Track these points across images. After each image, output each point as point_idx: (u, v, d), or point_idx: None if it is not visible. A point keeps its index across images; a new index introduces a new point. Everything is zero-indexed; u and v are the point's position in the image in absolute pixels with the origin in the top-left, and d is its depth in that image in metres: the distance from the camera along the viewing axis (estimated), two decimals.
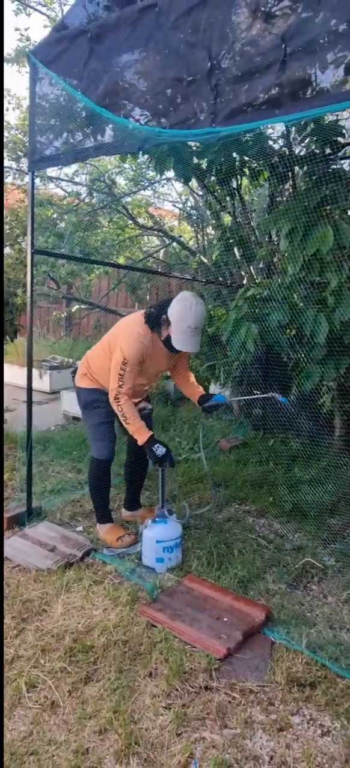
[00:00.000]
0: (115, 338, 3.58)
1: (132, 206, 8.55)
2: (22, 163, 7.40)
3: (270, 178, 4.57)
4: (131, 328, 3.52)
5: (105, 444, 3.74)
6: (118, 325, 3.72)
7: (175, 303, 3.47)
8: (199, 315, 3.44)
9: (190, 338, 3.45)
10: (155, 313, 3.54)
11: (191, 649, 2.70)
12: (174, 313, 3.45)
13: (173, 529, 3.49)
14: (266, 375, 5.19)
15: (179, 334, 3.45)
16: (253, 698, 2.43)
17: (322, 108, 2.52)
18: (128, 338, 3.47)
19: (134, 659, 2.65)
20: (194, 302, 3.44)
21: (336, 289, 3.64)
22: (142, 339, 3.46)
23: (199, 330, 3.49)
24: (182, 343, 3.47)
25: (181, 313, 3.43)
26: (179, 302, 3.46)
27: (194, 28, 2.81)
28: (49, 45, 3.59)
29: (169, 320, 3.47)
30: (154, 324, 3.53)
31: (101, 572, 3.40)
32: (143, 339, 3.47)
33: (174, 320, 3.45)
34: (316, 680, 2.51)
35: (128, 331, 3.51)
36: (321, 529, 3.92)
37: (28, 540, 3.71)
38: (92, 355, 3.80)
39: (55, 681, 2.50)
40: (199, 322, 3.46)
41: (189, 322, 3.42)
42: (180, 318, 3.43)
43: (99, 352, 3.73)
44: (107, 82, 3.19)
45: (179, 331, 3.44)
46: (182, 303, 3.45)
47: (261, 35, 2.63)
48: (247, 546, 3.71)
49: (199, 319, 3.45)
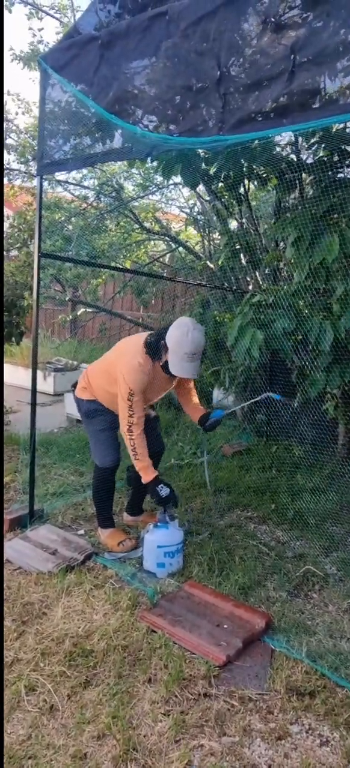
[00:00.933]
0: (115, 365, 3.57)
1: (139, 210, 8.57)
2: (31, 165, 7.44)
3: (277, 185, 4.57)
4: (132, 359, 3.49)
5: (109, 452, 3.74)
6: (118, 349, 3.70)
7: (172, 329, 3.46)
8: (196, 341, 3.42)
9: (187, 364, 3.43)
10: (154, 341, 3.52)
11: (191, 656, 2.70)
12: (171, 338, 3.43)
13: (174, 535, 3.48)
14: (270, 381, 5.18)
15: (176, 359, 3.43)
16: (252, 706, 2.42)
17: (330, 118, 2.52)
18: (130, 370, 3.45)
19: (134, 665, 2.65)
20: (191, 328, 3.42)
21: (341, 297, 3.63)
22: (143, 369, 3.46)
23: (197, 356, 3.46)
24: (179, 369, 3.45)
25: (178, 339, 3.41)
26: (176, 328, 3.45)
27: (203, 36, 2.82)
28: (60, 51, 3.61)
29: (167, 346, 3.46)
30: (154, 352, 3.51)
31: (101, 576, 3.40)
32: (145, 369, 3.47)
33: (171, 346, 3.43)
34: (316, 689, 2.50)
35: (130, 363, 3.48)
36: (322, 537, 3.91)
37: (29, 542, 3.72)
38: (92, 371, 3.81)
39: (54, 685, 2.50)
40: (196, 348, 3.43)
41: (186, 349, 3.40)
42: (177, 344, 3.41)
43: (99, 371, 3.74)
44: (116, 89, 3.21)
45: (176, 356, 3.43)
46: (180, 329, 3.44)
47: (270, 45, 2.63)
48: (248, 553, 3.71)
49: (196, 346, 3.43)
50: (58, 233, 7.49)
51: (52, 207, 7.71)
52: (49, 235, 7.28)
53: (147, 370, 3.49)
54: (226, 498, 4.65)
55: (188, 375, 3.51)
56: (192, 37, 2.85)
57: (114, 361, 3.62)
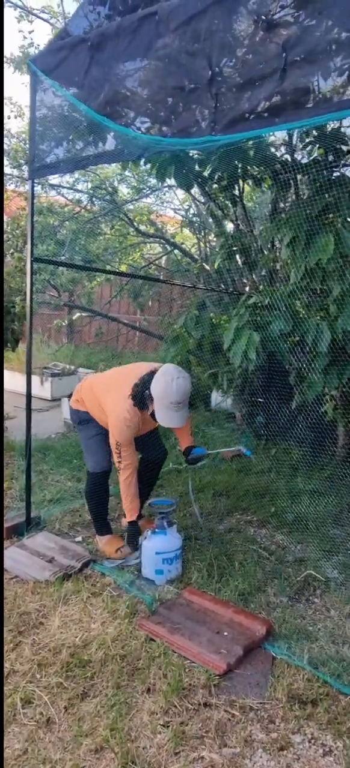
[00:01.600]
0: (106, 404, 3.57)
1: (134, 213, 8.53)
2: (23, 170, 7.39)
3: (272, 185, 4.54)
4: (119, 412, 3.45)
5: (100, 456, 3.72)
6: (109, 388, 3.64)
7: (157, 378, 3.40)
8: (182, 389, 3.36)
9: (173, 414, 3.39)
10: (139, 392, 3.45)
11: (191, 664, 2.66)
12: (156, 389, 3.37)
13: (172, 541, 3.44)
14: (268, 383, 5.14)
15: (162, 409, 3.38)
16: (253, 716, 2.38)
17: (323, 116, 2.49)
18: (116, 424, 3.45)
19: (132, 674, 2.61)
20: (175, 376, 3.36)
21: (338, 297, 3.60)
22: (129, 423, 3.45)
23: (183, 404, 3.41)
24: (166, 419, 3.41)
25: (163, 389, 3.35)
26: (160, 379, 3.38)
27: (194, 36, 2.79)
28: (49, 53, 3.58)
29: (152, 396, 3.40)
30: (141, 404, 3.46)
31: (99, 584, 3.36)
32: (131, 422, 3.45)
33: (156, 396, 3.37)
34: (318, 697, 2.46)
35: (117, 416, 3.45)
36: (323, 540, 3.86)
37: (26, 551, 3.67)
38: (85, 392, 3.79)
39: (51, 697, 2.46)
40: (182, 397, 3.37)
41: (172, 398, 3.35)
42: (162, 394, 3.35)
43: (92, 397, 3.72)
44: (107, 91, 3.18)
45: (162, 406, 3.38)
46: (164, 378, 3.37)
47: (262, 44, 2.61)
48: (248, 558, 3.66)
49: (182, 394, 3.37)
50: (52, 237, 7.45)
51: (45, 211, 7.66)
52: (42, 240, 7.23)
53: (135, 422, 3.48)
54: (225, 502, 4.60)
55: (174, 425, 3.49)
56: (183, 38, 2.82)
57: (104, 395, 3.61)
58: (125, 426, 3.44)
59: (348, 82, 2.46)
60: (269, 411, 5.24)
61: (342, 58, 2.44)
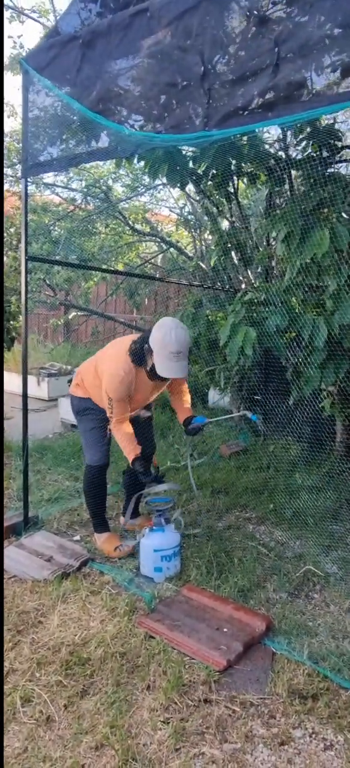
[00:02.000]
0: (101, 367, 3.59)
1: (129, 212, 8.51)
2: (17, 169, 7.37)
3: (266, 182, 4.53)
4: (114, 368, 3.46)
5: (98, 449, 3.71)
6: (106, 352, 3.69)
7: (155, 330, 3.41)
8: (181, 338, 3.36)
9: (173, 363, 3.38)
10: (138, 347, 3.47)
11: (190, 661, 2.65)
12: (155, 340, 3.38)
13: (171, 538, 3.43)
14: (266, 380, 5.14)
15: (162, 360, 3.37)
16: (254, 711, 2.37)
17: (315, 110, 2.48)
18: (110, 380, 3.45)
19: (132, 672, 2.60)
20: (173, 327, 3.38)
21: (334, 292, 3.59)
22: (123, 380, 3.44)
23: (183, 354, 3.40)
24: (166, 369, 3.40)
25: (162, 340, 3.35)
26: (158, 329, 3.40)
27: (186, 32, 2.78)
28: (41, 51, 3.57)
29: (151, 349, 3.41)
30: (139, 359, 3.47)
31: (98, 582, 3.35)
32: (125, 379, 3.45)
33: (156, 348, 3.38)
34: (318, 692, 2.45)
35: (111, 372, 3.45)
36: (322, 536, 3.86)
37: (24, 550, 3.66)
38: (85, 369, 3.80)
39: (50, 695, 2.45)
40: (181, 346, 3.37)
41: (171, 348, 3.34)
42: (161, 345, 3.36)
43: (90, 369, 3.72)
44: (99, 88, 3.16)
45: (161, 357, 3.37)
46: (162, 329, 3.38)
47: (254, 39, 2.60)
48: (247, 554, 3.65)
49: (181, 343, 3.37)
50: (46, 236, 7.42)
51: (39, 211, 7.63)
52: (36, 239, 7.20)
53: (129, 380, 3.47)
54: (224, 499, 4.60)
55: (175, 374, 3.45)
56: (175, 34, 2.81)
57: (101, 363, 3.62)
58: (118, 382, 3.42)
59: (341, 76, 2.46)
60: (267, 407, 5.23)
61: (334, 53, 2.44)
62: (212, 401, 7.48)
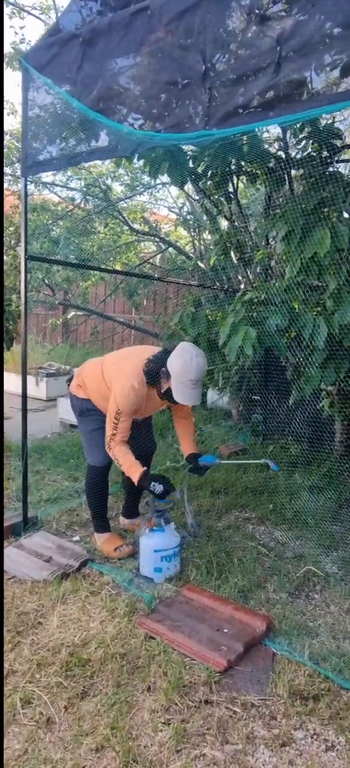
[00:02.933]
0: (112, 379, 3.54)
1: (128, 211, 8.50)
2: (16, 168, 7.35)
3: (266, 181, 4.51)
4: (127, 381, 3.43)
5: (100, 450, 3.68)
6: (118, 362, 3.65)
7: (175, 356, 3.41)
8: (200, 367, 3.38)
9: (191, 391, 3.39)
10: (153, 368, 3.46)
11: (191, 662, 2.64)
12: (175, 366, 3.38)
13: (171, 538, 3.42)
14: (265, 380, 5.13)
15: (181, 386, 3.38)
16: (255, 712, 2.36)
17: (316, 110, 2.48)
18: (123, 391, 3.41)
19: (132, 673, 2.59)
20: (194, 354, 3.38)
21: (334, 292, 3.58)
22: (137, 393, 3.42)
23: (200, 383, 3.43)
24: (184, 396, 3.39)
25: (182, 367, 3.36)
26: (179, 356, 3.39)
27: (187, 31, 2.77)
28: (41, 49, 3.55)
29: (168, 373, 3.40)
30: (153, 379, 3.47)
31: (97, 583, 3.34)
32: (138, 393, 3.43)
33: (175, 374, 3.38)
34: (319, 693, 2.45)
35: (124, 386, 3.42)
36: (322, 536, 3.85)
37: (23, 550, 3.65)
38: (88, 372, 3.77)
39: (50, 696, 2.44)
40: (200, 374, 3.40)
41: (191, 376, 3.35)
42: (181, 372, 3.36)
43: (95, 375, 3.69)
44: (100, 87, 3.15)
45: (181, 384, 3.37)
46: (183, 356, 3.38)
47: (255, 37, 2.59)
48: (247, 554, 3.65)
49: (200, 372, 3.39)
50: (46, 236, 7.40)
51: (39, 209, 7.61)
52: (36, 238, 7.18)
53: (141, 395, 3.45)
54: (223, 499, 4.59)
55: (192, 402, 3.46)
56: (176, 32, 2.80)
57: (110, 371, 3.59)
58: (132, 393, 3.39)
59: (341, 75, 2.45)
60: (266, 408, 5.23)
61: (335, 53, 2.43)
62: (210, 401, 7.47)
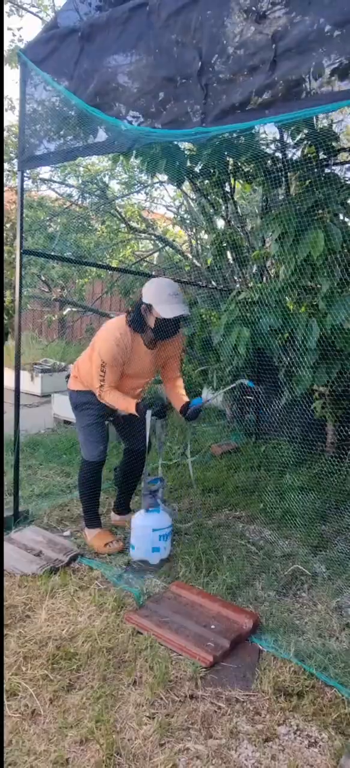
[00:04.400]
0: (96, 342, 3.60)
1: (125, 209, 8.50)
2: (13, 164, 7.34)
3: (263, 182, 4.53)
4: (108, 332, 3.53)
5: (95, 446, 3.70)
6: (101, 329, 3.72)
7: (146, 288, 3.50)
8: (171, 282, 3.54)
9: (174, 305, 3.41)
10: (135, 313, 3.52)
11: (177, 657, 2.65)
12: (150, 292, 3.45)
13: (165, 517, 3.49)
14: (258, 380, 5.14)
15: (162, 306, 3.40)
16: (239, 708, 2.37)
17: (313, 109, 2.49)
18: (104, 341, 3.49)
19: (119, 667, 2.60)
20: (161, 277, 3.56)
21: (327, 293, 3.60)
22: (119, 341, 3.46)
23: (179, 296, 3.48)
24: (170, 310, 3.40)
25: (157, 288, 3.46)
26: (150, 285, 3.52)
27: (184, 27, 2.78)
28: (39, 44, 3.56)
29: (148, 305, 3.45)
30: (137, 324, 3.51)
31: (87, 578, 3.35)
32: (121, 341, 3.47)
33: (153, 298, 3.43)
34: (304, 689, 2.46)
35: (106, 336, 3.52)
36: (311, 535, 3.87)
37: (14, 544, 3.65)
38: (81, 360, 3.81)
39: (36, 689, 2.44)
40: (174, 288, 3.50)
41: (168, 290, 3.44)
42: (157, 292, 3.44)
43: (85, 359, 3.73)
44: (97, 82, 3.16)
45: (161, 303, 3.40)
46: (152, 283, 3.53)
47: (252, 35, 2.60)
48: (236, 552, 3.66)
49: (173, 286, 3.52)
50: (42, 231, 7.39)
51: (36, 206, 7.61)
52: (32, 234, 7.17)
53: (125, 343, 3.49)
54: (214, 498, 4.60)
55: (180, 312, 3.43)
56: (173, 29, 2.81)
57: (96, 340, 3.63)
58: (114, 343, 3.44)
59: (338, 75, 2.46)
60: (259, 408, 5.25)
61: (331, 52, 2.44)
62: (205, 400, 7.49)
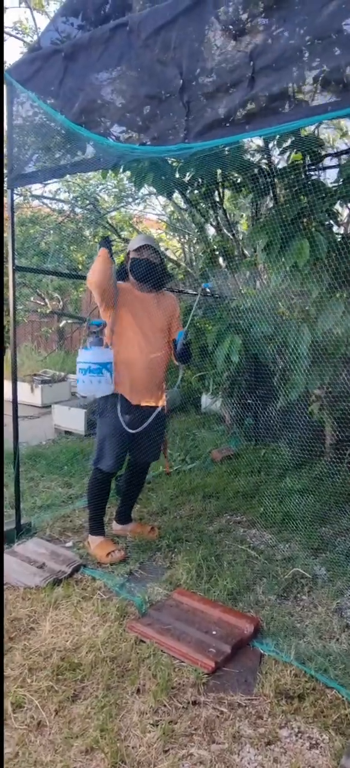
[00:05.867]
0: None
1: (116, 220, 8.54)
2: None
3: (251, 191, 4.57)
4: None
5: (113, 456, 3.69)
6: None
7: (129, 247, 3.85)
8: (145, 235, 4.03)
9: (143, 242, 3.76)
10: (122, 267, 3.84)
11: (180, 664, 2.69)
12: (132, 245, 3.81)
13: (91, 355, 3.63)
14: (255, 385, 5.18)
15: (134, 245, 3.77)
16: (241, 712, 2.41)
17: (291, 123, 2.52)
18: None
19: (122, 676, 2.64)
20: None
21: (317, 299, 3.64)
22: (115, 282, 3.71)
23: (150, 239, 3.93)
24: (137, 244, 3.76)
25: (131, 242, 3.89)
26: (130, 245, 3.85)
27: (164, 46, 2.83)
28: (24, 64, 3.60)
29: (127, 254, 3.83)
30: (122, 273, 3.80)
31: (90, 588, 3.38)
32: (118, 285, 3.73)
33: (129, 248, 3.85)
34: (305, 692, 2.50)
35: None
36: (311, 538, 3.90)
37: (17, 557, 3.69)
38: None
39: (41, 700, 2.48)
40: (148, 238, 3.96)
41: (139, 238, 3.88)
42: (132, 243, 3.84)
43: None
44: (82, 100, 3.21)
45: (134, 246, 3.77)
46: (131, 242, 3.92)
47: (230, 52, 2.65)
48: (237, 557, 3.70)
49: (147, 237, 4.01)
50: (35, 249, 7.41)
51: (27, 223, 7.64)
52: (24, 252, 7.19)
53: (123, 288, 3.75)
54: (215, 503, 4.64)
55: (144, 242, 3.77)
56: (154, 47, 2.86)
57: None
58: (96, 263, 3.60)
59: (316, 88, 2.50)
60: (257, 412, 5.29)
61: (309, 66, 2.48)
62: (204, 406, 7.54)
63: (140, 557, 3.74)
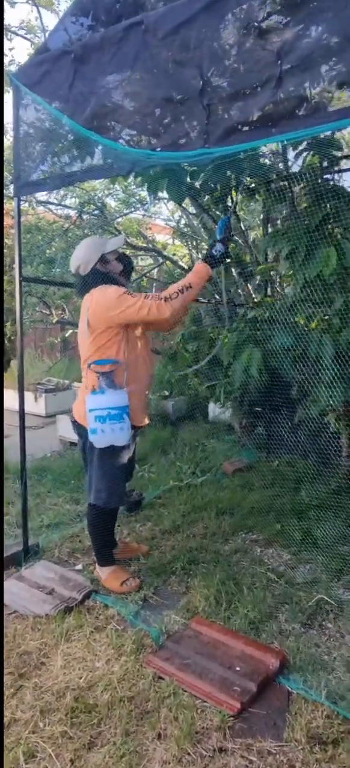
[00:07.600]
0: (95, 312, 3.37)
1: (123, 226, 8.39)
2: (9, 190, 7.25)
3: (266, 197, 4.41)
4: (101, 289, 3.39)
5: (116, 490, 3.44)
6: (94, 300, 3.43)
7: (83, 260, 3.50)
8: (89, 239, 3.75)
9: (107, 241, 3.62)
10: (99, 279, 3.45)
11: (202, 704, 2.52)
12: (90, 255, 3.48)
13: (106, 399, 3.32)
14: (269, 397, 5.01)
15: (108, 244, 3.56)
16: (272, 761, 2.24)
17: (320, 126, 2.38)
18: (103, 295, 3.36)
19: (141, 718, 2.47)
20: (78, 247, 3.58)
21: (341, 309, 3.47)
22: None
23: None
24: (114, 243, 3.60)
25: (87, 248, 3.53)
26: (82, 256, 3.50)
27: (183, 45, 2.67)
28: (31, 67, 3.45)
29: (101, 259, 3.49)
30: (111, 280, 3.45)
31: (102, 617, 3.22)
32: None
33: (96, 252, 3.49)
34: (339, 736, 2.32)
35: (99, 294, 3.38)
36: (333, 559, 3.72)
37: (24, 583, 3.53)
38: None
39: (55, 748, 2.32)
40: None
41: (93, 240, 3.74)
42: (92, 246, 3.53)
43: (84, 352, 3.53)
44: (93, 104, 3.05)
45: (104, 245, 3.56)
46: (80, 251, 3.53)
47: (254, 52, 2.49)
48: (256, 581, 3.51)
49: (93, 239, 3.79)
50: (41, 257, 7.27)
51: (33, 230, 7.50)
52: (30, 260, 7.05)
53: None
54: (229, 521, 4.44)
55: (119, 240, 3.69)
56: (171, 47, 2.69)
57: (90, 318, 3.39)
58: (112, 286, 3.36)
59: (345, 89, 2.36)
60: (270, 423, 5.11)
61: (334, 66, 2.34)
62: (212, 414, 7.36)
63: (153, 581, 3.56)
